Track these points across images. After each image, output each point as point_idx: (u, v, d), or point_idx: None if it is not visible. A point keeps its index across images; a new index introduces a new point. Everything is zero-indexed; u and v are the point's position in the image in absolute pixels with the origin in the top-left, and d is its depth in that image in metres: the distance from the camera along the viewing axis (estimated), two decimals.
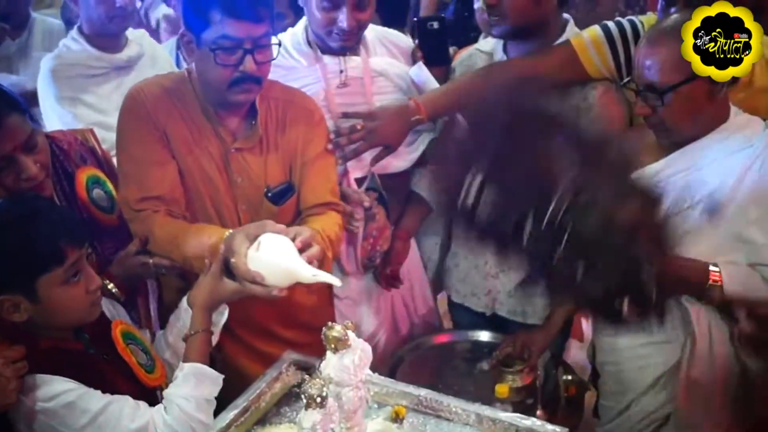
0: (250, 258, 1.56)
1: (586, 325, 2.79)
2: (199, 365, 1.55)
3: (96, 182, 1.90)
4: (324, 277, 1.53)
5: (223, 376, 1.59)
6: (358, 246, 2.24)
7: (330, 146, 1.97)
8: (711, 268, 1.74)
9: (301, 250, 1.57)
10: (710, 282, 1.74)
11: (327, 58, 2.12)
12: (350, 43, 2.02)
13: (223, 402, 1.72)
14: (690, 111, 1.71)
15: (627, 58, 2.00)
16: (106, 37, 2.70)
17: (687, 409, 1.83)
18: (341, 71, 2.12)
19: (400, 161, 2.22)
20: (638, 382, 1.95)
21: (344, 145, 2.01)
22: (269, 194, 1.91)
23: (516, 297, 2.33)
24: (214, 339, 1.71)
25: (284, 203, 1.94)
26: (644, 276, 1.27)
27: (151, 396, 1.56)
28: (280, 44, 1.84)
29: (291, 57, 2.10)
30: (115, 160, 1.96)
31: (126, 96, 1.87)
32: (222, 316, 1.72)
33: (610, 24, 2.04)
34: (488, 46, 2.24)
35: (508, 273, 2.30)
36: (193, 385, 1.52)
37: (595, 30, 2.04)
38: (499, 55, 2.18)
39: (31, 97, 3.02)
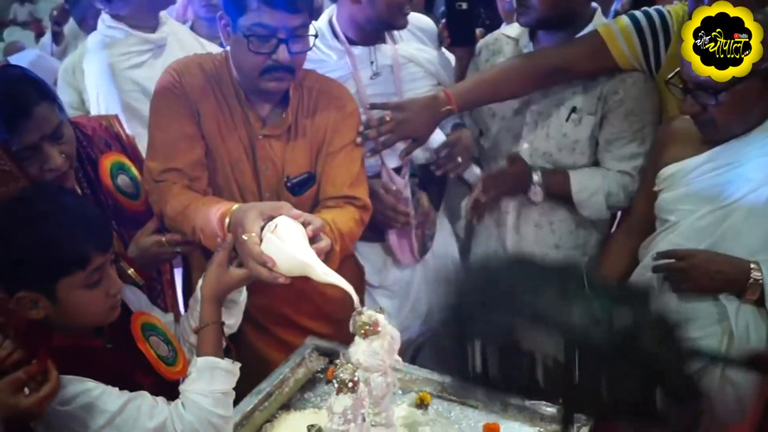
0: (266, 240, 1.47)
1: None
2: (212, 359, 1.49)
3: (121, 168, 1.88)
4: (335, 279, 1.44)
5: (239, 365, 1.54)
6: (413, 235, 2.22)
7: (359, 139, 1.93)
8: (752, 265, 1.73)
9: (310, 240, 1.52)
10: (751, 280, 1.73)
11: (357, 50, 2.10)
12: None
13: (245, 387, 1.73)
14: (742, 108, 1.69)
15: (655, 49, 1.98)
16: (145, 14, 2.60)
17: (719, 408, 1.82)
18: (372, 62, 2.11)
19: (423, 152, 2.20)
20: None
21: (373, 138, 1.98)
22: (288, 184, 1.89)
23: None
24: (236, 325, 1.69)
25: (303, 194, 1.91)
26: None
27: (173, 389, 1.51)
28: (316, 36, 1.81)
29: (319, 50, 2.07)
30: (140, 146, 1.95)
31: (164, 71, 1.86)
32: (238, 304, 1.68)
33: (638, 14, 2.01)
34: (514, 32, 2.22)
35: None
36: (207, 380, 1.46)
37: (624, 20, 2.02)
38: (525, 41, 2.16)
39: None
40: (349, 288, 1.41)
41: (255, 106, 1.85)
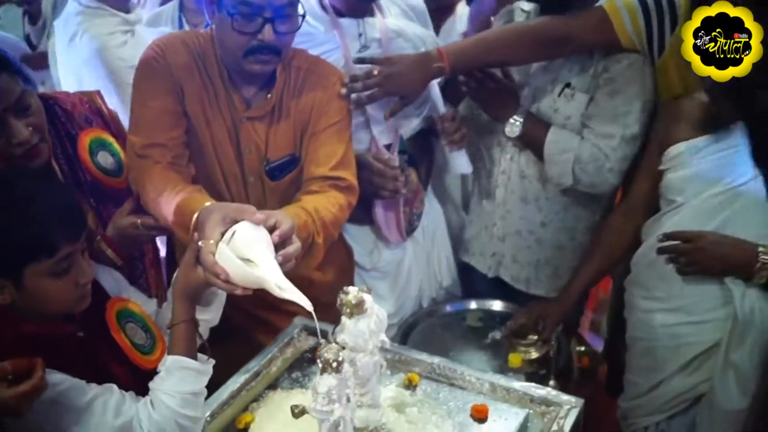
0: (219, 251, 1.36)
1: None
2: (181, 359, 1.42)
3: (101, 144, 1.84)
4: (291, 295, 1.34)
5: (212, 363, 1.48)
6: (400, 212, 2.19)
7: (344, 90, 1.87)
8: (760, 249, 1.72)
9: (278, 246, 1.42)
10: (759, 264, 1.72)
11: (345, 21, 2.05)
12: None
13: (232, 367, 1.71)
14: None
15: (660, 30, 1.94)
16: None
17: (722, 393, 1.80)
18: (360, 34, 2.06)
19: (411, 123, 2.18)
20: (672, 361, 1.90)
21: (359, 90, 1.92)
22: (267, 168, 1.85)
23: (520, 264, 2.32)
24: (215, 320, 1.63)
25: (282, 178, 1.87)
26: None
27: (148, 379, 1.45)
28: (304, 16, 1.76)
29: (306, 23, 2.02)
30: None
31: (147, 47, 1.81)
32: (218, 297, 1.61)
33: None
34: (528, 5, 2.19)
35: (514, 237, 2.29)
36: (176, 380, 1.40)
37: None
38: (534, 16, 2.13)
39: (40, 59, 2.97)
40: (306, 304, 1.33)
41: (239, 88, 1.80)
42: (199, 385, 1.44)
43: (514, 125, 2.12)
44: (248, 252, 1.37)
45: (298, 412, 1.33)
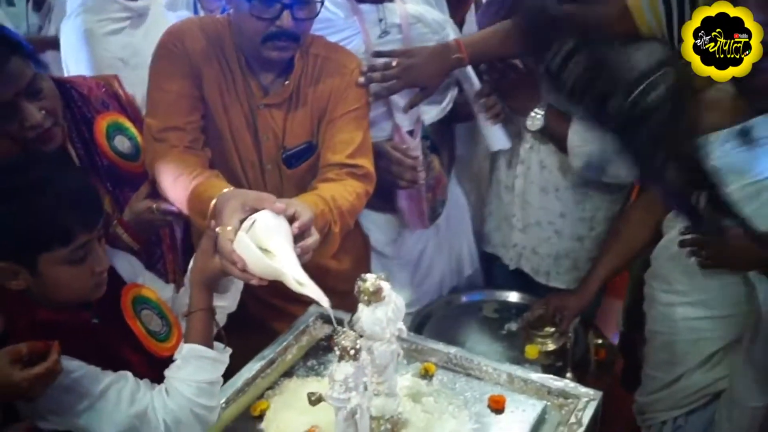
0: (238, 239, 1.34)
1: None
2: (198, 347, 1.41)
3: (118, 129, 1.83)
4: (308, 290, 1.32)
5: (230, 351, 1.47)
6: (423, 200, 2.17)
7: (361, 79, 1.85)
8: None
9: (296, 237, 1.40)
10: None
11: (365, 7, 2.02)
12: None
13: (248, 355, 1.70)
14: None
15: (680, 18, 1.91)
16: None
17: (741, 389, 1.78)
18: (380, 20, 2.03)
19: (432, 110, 2.15)
20: (691, 356, 1.88)
21: (377, 81, 1.91)
22: (283, 155, 1.84)
23: (540, 255, 2.30)
24: (232, 307, 1.62)
25: (299, 166, 1.86)
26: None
27: (164, 366, 1.45)
28: (323, 2, 1.74)
29: (326, 8, 1.99)
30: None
31: (165, 33, 1.79)
32: (235, 284, 1.59)
33: None
34: None
35: (534, 228, 2.28)
36: (192, 369, 1.40)
37: None
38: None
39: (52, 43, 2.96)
40: (324, 301, 1.31)
41: (257, 74, 1.78)
42: (215, 374, 1.43)
43: (535, 119, 2.11)
44: (267, 242, 1.35)
45: (314, 400, 1.31)
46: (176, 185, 1.65)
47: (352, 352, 1.24)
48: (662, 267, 1.94)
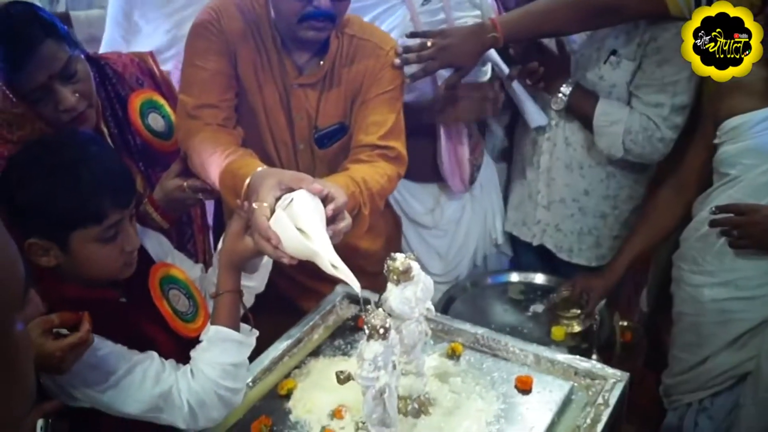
0: (276, 217, 1.34)
1: None
2: (224, 330, 1.41)
3: (152, 106, 1.83)
4: (342, 274, 1.32)
5: (256, 334, 1.47)
6: (465, 162, 2.21)
7: (397, 61, 1.83)
8: None
9: (329, 219, 1.39)
10: None
11: None
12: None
13: (274, 333, 1.71)
14: None
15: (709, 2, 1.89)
16: None
17: None
18: None
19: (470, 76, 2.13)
20: (719, 337, 1.87)
21: (413, 62, 1.90)
22: (316, 135, 1.83)
23: (563, 232, 2.30)
24: (260, 287, 1.63)
25: (330, 146, 1.86)
26: None
27: (190, 346, 1.45)
28: None
29: None
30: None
31: (202, 10, 1.79)
32: (264, 266, 1.61)
33: None
34: None
35: (558, 205, 2.27)
36: (218, 351, 1.40)
37: None
38: None
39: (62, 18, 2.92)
40: (356, 285, 1.30)
41: (292, 54, 1.77)
42: (241, 357, 1.43)
43: (560, 99, 2.10)
44: (303, 222, 1.34)
45: (343, 378, 1.31)
46: (209, 162, 1.65)
47: (381, 331, 1.24)
48: (691, 248, 1.93)
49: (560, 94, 2.10)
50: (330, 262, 1.31)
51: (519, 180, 2.39)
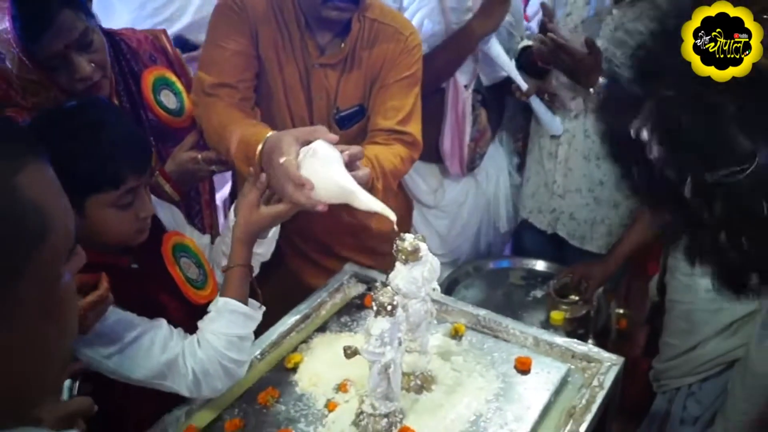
0: (306, 163, 1.42)
1: None
2: (232, 302, 1.45)
3: (164, 83, 1.86)
4: (378, 206, 1.39)
5: (263, 309, 1.52)
6: (465, 147, 2.26)
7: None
8: None
9: (348, 167, 1.46)
10: None
11: None
12: None
13: (282, 308, 1.76)
14: None
15: None
16: None
17: (758, 358, 1.82)
18: None
19: (493, 70, 2.24)
20: (710, 325, 1.93)
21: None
22: (337, 116, 1.86)
23: (577, 221, 2.34)
24: (267, 254, 1.67)
25: (350, 128, 1.88)
26: None
27: (198, 314, 1.48)
28: None
29: None
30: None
31: None
32: (269, 236, 1.65)
33: None
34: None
35: (574, 195, 2.32)
36: (225, 322, 1.43)
37: None
38: None
39: None
40: (392, 215, 1.38)
41: (314, 34, 1.80)
42: (247, 330, 1.47)
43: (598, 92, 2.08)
44: (331, 167, 1.42)
45: (350, 353, 1.36)
46: (224, 132, 1.69)
47: (389, 308, 1.29)
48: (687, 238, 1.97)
49: (597, 88, 2.09)
50: (365, 198, 1.40)
51: (536, 169, 2.43)
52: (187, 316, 1.50)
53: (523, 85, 2.19)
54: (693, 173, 1.04)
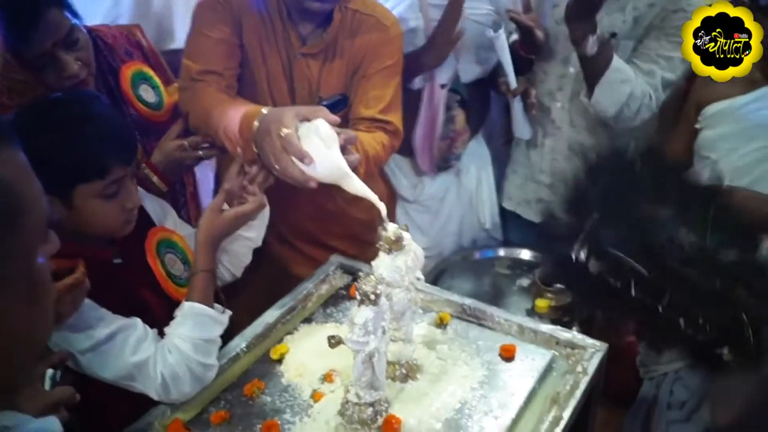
0: (308, 138, 1.45)
1: None
2: (198, 305, 1.45)
3: (143, 77, 1.86)
4: (369, 194, 1.43)
5: (229, 314, 1.52)
6: (434, 145, 2.26)
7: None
8: None
9: (342, 148, 1.50)
10: None
11: None
12: None
13: (267, 299, 1.76)
14: None
15: None
16: None
17: None
18: None
19: (475, 69, 2.24)
20: None
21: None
22: (320, 105, 1.88)
23: None
24: (258, 239, 1.68)
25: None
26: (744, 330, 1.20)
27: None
28: None
29: None
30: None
31: None
32: (263, 218, 1.67)
33: None
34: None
35: (561, 185, 2.32)
36: (190, 326, 1.44)
37: None
38: None
39: None
40: (380, 205, 1.40)
41: (297, 25, 1.81)
42: (214, 333, 1.47)
43: (592, 45, 2.01)
44: (330, 144, 1.45)
45: (334, 342, 1.36)
46: (213, 112, 1.70)
47: (372, 296, 1.29)
48: None
49: (593, 37, 2.01)
50: (359, 183, 1.44)
51: (522, 160, 2.44)
52: (170, 313, 1.50)
53: (513, 84, 2.19)
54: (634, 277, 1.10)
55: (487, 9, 2.16)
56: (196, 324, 1.44)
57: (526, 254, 2.37)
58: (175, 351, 1.42)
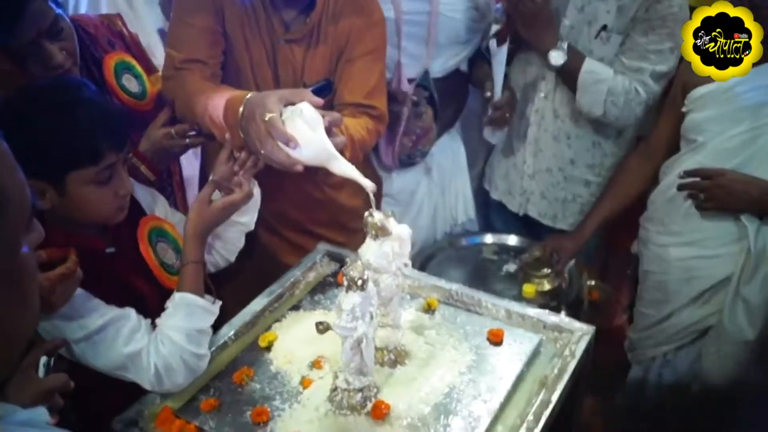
0: (290, 122, 1.44)
1: None
2: (189, 296, 1.46)
3: (125, 67, 1.85)
4: (355, 174, 1.44)
5: (219, 303, 1.52)
6: (397, 141, 2.25)
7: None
8: None
9: (327, 131, 1.49)
10: None
11: None
12: None
13: (256, 287, 1.76)
14: None
15: None
16: None
17: (731, 324, 1.86)
18: None
19: (445, 61, 2.21)
20: (683, 294, 1.97)
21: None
22: None
23: (548, 200, 2.36)
24: (251, 223, 1.69)
25: None
26: None
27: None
28: None
29: None
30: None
31: None
32: (255, 201, 1.67)
33: None
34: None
35: (544, 175, 2.33)
36: (182, 316, 1.44)
37: None
38: None
39: None
40: (368, 184, 1.41)
41: (279, 11, 1.80)
42: (205, 323, 1.48)
43: (559, 53, 2.09)
44: (314, 129, 1.45)
45: (322, 329, 1.36)
46: (198, 99, 1.69)
47: (359, 282, 1.29)
48: (658, 210, 2.01)
49: (559, 48, 2.09)
50: (345, 163, 1.44)
51: (505, 151, 2.44)
52: (163, 303, 1.50)
53: (498, 95, 2.19)
54: None
55: (465, 5, 2.15)
56: (188, 314, 1.45)
57: (513, 240, 2.38)
58: (167, 342, 1.42)
